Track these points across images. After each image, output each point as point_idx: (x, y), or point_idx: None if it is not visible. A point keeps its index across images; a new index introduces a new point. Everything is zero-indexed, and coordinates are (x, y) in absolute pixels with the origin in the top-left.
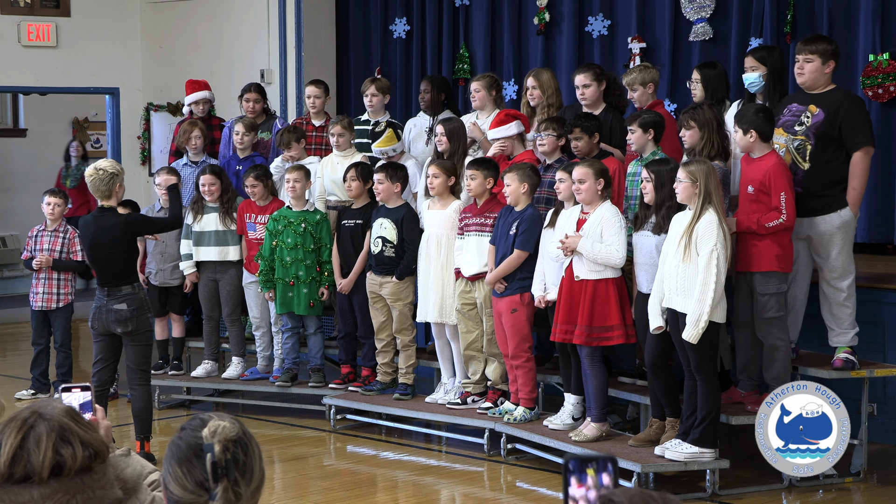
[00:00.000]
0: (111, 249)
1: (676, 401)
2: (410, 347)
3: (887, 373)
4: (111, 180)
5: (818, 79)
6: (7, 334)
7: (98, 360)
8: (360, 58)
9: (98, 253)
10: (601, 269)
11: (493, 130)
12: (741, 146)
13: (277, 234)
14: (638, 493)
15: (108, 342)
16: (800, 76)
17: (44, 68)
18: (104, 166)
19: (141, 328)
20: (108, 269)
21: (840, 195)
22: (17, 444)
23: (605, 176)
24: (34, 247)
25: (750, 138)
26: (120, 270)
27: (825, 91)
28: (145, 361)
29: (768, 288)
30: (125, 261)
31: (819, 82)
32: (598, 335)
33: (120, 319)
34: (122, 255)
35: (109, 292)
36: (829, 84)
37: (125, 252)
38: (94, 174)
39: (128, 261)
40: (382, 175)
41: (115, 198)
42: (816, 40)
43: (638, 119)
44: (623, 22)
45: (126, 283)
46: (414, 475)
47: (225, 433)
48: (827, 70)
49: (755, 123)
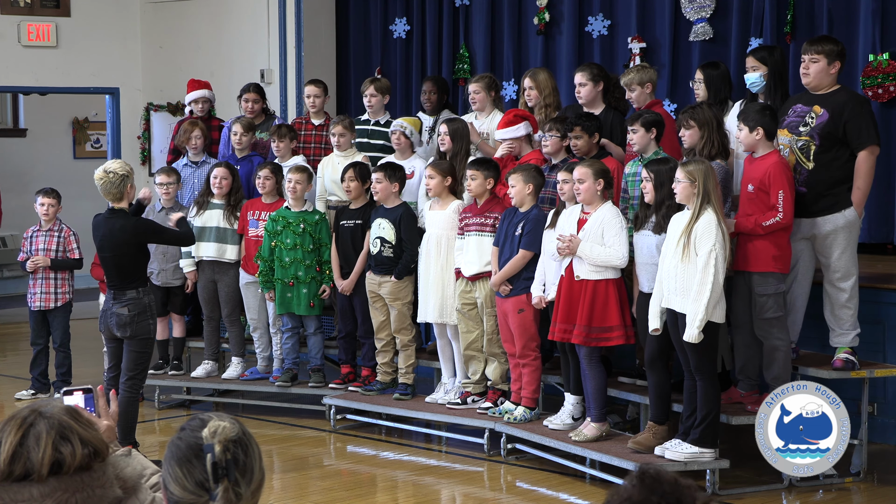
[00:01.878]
0: (119, 252)
1: (665, 404)
2: (410, 347)
3: (887, 373)
4: (122, 182)
5: (823, 79)
6: (7, 334)
7: (111, 367)
8: (360, 58)
9: (106, 255)
10: (601, 269)
11: (502, 131)
12: (746, 144)
13: (276, 234)
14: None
15: (117, 348)
16: (805, 77)
17: (44, 68)
18: (114, 168)
19: (139, 334)
20: (114, 271)
21: (845, 195)
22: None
23: (605, 176)
24: (30, 248)
25: (756, 136)
26: (127, 273)
27: (830, 91)
28: (136, 367)
29: (766, 288)
30: (132, 264)
31: (824, 83)
32: (598, 335)
33: (120, 323)
34: (129, 258)
35: (115, 295)
36: (833, 84)
37: (133, 256)
38: (105, 177)
39: (135, 265)
40: (381, 175)
41: (127, 199)
42: (822, 41)
43: (640, 118)
44: (623, 22)
45: (132, 287)
46: (414, 475)
47: (225, 433)
48: (832, 71)
49: (762, 121)
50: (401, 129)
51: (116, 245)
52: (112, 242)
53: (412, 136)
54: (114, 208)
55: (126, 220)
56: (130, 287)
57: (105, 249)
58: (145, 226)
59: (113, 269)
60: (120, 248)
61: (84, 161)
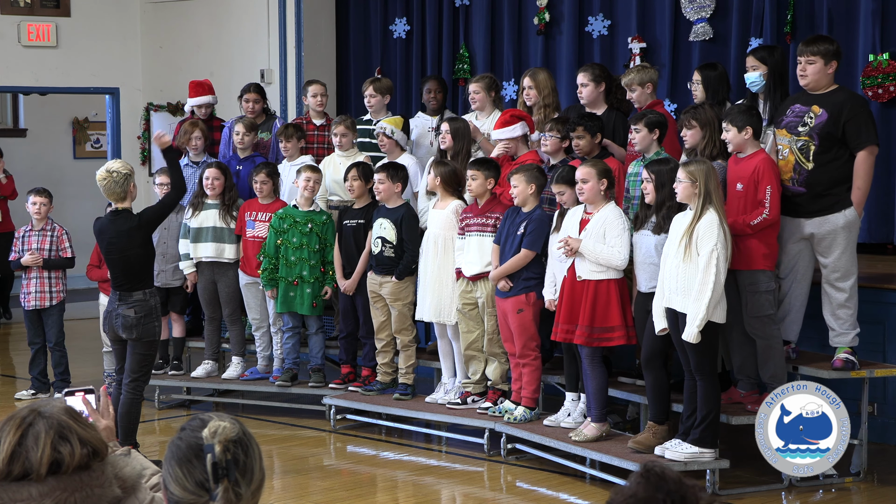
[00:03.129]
0: (127, 253)
1: (664, 403)
2: (410, 347)
3: (887, 373)
4: (125, 181)
5: (821, 80)
6: (6, 334)
7: (117, 369)
8: (360, 58)
9: (114, 256)
10: (603, 269)
11: (499, 131)
12: (735, 144)
13: (282, 232)
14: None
15: (121, 349)
16: (802, 78)
17: (44, 68)
18: (117, 168)
19: (145, 336)
20: (121, 272)
21: (844, 195)
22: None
23: (608, 176)
24: (22, 247)
25: (745, 136)
26: (134, 274)
27: (828, 91)
28: (140, 369)
29: (758, 286)
30: (140, 265)
31: (822, 83)
32: (599, 336)
33: (126, 325)
34: (137, 258)
35: (121, 296)
36: (831, 84)
37: (140, 256)
38: (108, 177)
39: (143, 265)
40: (383, 175)
41: (130, 198)
42: (818, 41)
43: (644, 119)
44: (623, 22)
45: (138, 289)
46: (414, 475)
47: (225, 434)
48: (829, 70)
49: (749, 121)
50: (381, 130)
51: (125, 246)
52: (120, 243)
53: (395, 135)
54: (117, 209)
55: (132, 219)
56: (137, 288)
57: (113, 251)
58: (147, 214)
59: (120, 270)
60: (128, 248)
61: (84, 161)
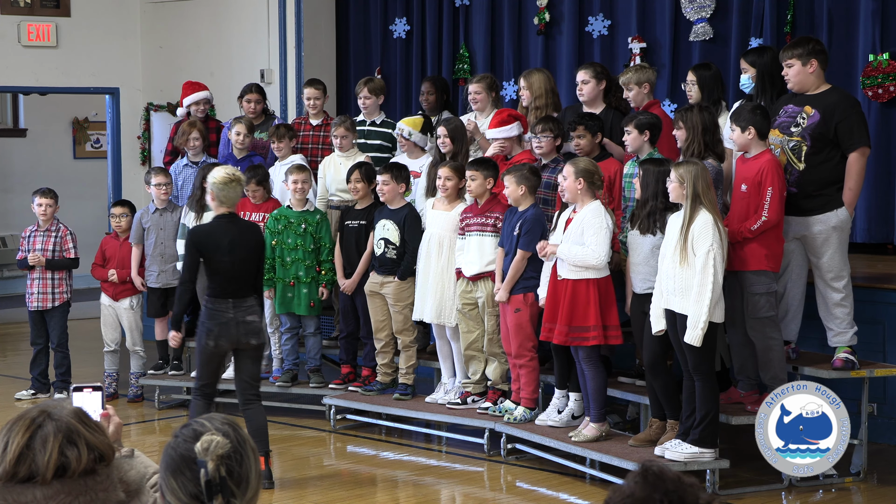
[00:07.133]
0: (251, 256)
1: (676, 401)
2: (411, 348)
3: (887, 373)
4: (242, 186)
5: (805, 80)
6: (7, 334)
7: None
8: (360, 58)
9: (236, 258)
10: (581, 269)
11: (494, 130)
12: (738, 144)
13: (278, 233)
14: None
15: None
16: (788, 82)
17: (44, 68)
18: (233, 172)
19: (265, 339)
20: (240, 276)
21: (836, 195)
22: (23, 444)
23: (586, 176)
24: (27, 247)
25: (748, 136)
26: (249, 278)
27: (820, 92)
28: (259, 376)
29: (759, 288)
30: (256, 269)
31: (808, 83)
32: (575, 335)
33: (254, 330)
34: (255, 263)
35: (235, 304)
36: (821, 84)
37: (259, 260)
38: (234, 180)
39: (258, 270)
40: (388, 176)
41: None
42: (795, 44)
43: (634, 121)
44: (623, 22)
45: (251, 294)
46: (414, 475)
47: (217, 449)
48: (811, 70)
49: (753, 121)
50: (399, 132)
51: (250, 249)
52: (246, 247)
53: (412, 136)
54: (232, 213)
55: (250, 223)
56: (250, 294)
57: (236, 253)
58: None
59: (239, 274)
60: (253, 252)
61: (84, 161)
